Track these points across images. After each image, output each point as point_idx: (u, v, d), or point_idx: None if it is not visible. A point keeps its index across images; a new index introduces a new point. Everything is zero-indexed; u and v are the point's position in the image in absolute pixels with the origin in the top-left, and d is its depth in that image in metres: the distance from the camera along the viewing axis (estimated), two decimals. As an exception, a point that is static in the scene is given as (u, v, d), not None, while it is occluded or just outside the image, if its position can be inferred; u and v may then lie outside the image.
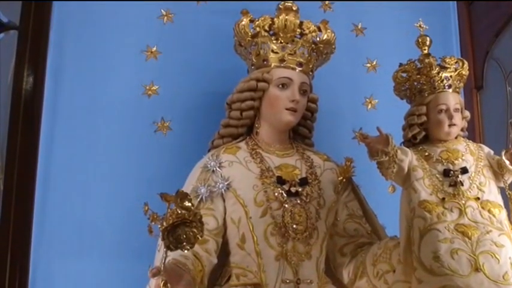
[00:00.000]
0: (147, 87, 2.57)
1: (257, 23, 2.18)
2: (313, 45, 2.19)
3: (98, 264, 2.39)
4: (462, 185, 1.99)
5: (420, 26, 2.26)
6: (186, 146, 2.49)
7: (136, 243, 2.32)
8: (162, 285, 1.59)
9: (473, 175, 2.03)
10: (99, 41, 2.60)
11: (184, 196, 1.52)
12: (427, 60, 2.15)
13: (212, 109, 2.41)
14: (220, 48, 2.54)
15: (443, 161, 2.07)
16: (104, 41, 2.60)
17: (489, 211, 1.95)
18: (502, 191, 2.05)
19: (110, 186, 2.46)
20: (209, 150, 2.22)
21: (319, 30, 2.22)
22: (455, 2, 3.03)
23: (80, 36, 2.60)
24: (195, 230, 1.51)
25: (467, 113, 2.21)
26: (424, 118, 2.15)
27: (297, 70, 2.15)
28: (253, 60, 2.20)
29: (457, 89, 2.18)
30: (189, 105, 2.58)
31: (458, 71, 2.17)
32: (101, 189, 2.46)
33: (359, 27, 2.83)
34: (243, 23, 2.20)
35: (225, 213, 2.04)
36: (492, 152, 2.12)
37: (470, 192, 1.98)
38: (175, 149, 2.52)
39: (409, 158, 2.06)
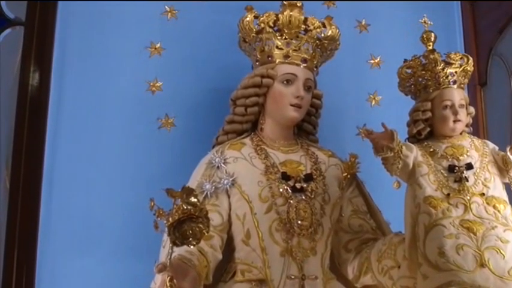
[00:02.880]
0: (151, 84, 2.56)
1: (262, 19, 2.18)
2: (317, 41, 2.19)
3: (103, 261, 2.38)
4: (467, 180, 1.99)
5: (425, 22, 2.26)
6: (190, 142, 2.48)
7: (142, 240, 2.32)
8: (167, 280, 1.59)
9: (478, 171, 2.03)
10: (103, 37, 2.59)
11: (190, 192, 1.52)
12: (432, 56, 2.15)
13: (216, 105, 2.41)
14: (224, 45, 2.54)
15: (448, 156, 2.07)
16: (108, 38, 2.59)
17: (494, 207, 1.95)
18: (507, 186, 2.06)
19: (115, 183, 2.45)
20: (213, 147, 2.22)
21: (324, 26, 2.21)
22: (459, 2, 3.03)
23: (85, 33, 2.59)
24: (201, 226, 1.51)
25: (472, 109, 2.20)
26: (429, 114, 2.15)
27: (302, 66, 2.14)
28: (258, 56, 2.20)
29: (462, 85, 2.18)
30: (193, 101, 2.57)
31: (463, 66, 2.17)
32: (106, 185, 2.45)
33: (363, 23, 2.82)
34: (248, 19, 2.19)
35: (229, 209, 2.04)
36: (497, 148, 2.12)
37: (475, 188, 1.98)
38: (180, 146, 2.51)
39: (414, 153, 2.06)
